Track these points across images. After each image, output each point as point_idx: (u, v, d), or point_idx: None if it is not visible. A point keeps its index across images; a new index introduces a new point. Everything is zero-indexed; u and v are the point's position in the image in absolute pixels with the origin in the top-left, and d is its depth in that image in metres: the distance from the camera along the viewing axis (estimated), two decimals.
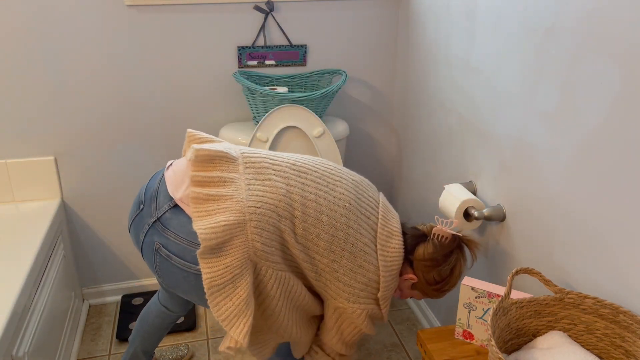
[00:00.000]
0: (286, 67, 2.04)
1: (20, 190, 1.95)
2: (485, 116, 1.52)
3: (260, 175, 1.21)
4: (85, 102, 1.91)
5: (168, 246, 1.20)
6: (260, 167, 1.23)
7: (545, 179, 1.28)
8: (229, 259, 1.12)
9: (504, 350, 1.13)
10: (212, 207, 1.14)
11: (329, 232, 1.22)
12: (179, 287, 1.24)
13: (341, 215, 1.24)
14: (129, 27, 1.85)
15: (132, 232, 1.30)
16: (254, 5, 1.91)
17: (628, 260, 1.05)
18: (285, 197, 1.19)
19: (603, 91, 1.07)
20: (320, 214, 1.22)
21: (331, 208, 1.23)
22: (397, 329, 2.09)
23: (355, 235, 1.25)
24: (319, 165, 1.30)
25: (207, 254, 1.11)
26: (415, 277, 1.33)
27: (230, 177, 1.18)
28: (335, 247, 1.22)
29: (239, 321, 1.13)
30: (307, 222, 1.20)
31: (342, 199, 1.26)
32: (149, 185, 1.29)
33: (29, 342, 1.45)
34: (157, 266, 1.23)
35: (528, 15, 1.28)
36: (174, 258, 1.20)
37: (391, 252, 1.28)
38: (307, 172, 1.26)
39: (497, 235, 1.52)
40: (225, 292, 1.12)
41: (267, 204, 1.17)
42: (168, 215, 1.21)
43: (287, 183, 1.22)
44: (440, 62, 1.77)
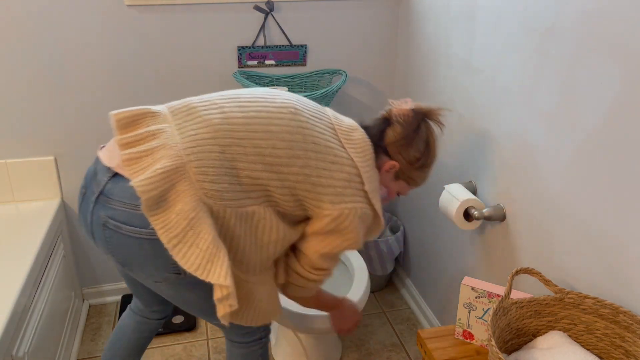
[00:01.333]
0: (286, 67, 2.04)
1: (20, 190, 1.95)
2: (485, 116, 1.52)
3: (189, 116, 1.14)
4: (86, 102, 1.91)
5: (115, 216, 1.11)
6: (187, 109, 1.16)
7: (545, 179, 1.28)
8: (179, 206, 1.04)
9: (504, 350, 1.13)
10: (147, 162, 1.07)
11: (284, 138, 1.13)
12: (136, 261, 1.14)
13: (290, 119, 1.16)
14: (129, 27, 1.85)
15: (81, 220, 1.21)
16: (254, 5, 1.91)
17: (628, 260, 1.05)
18: (222, 125, 1.12)
19: (603, 91, 1.07)
20: (268, 125, 1.14)
21: (278, 117, 1.15)
22: (397, 329, 2.09)
23: (313, 134, 1.16)
24: (252, 90, 1.23)
25: (152, 209, 1.04)
26: (395, 162, 1.26)
27: (159, 129, 1.11)
28: (298, 150, 1.14)
29: (214, 265, 1.04)
30: (255, 138, 1.12)
31: (286, 106, 1.18)
32: (87, 172, 1.22)
33: (29, 342, 1.45)
34: (109, 242, 1.14)
35: (528, 15, 1.28)
36: (124, 227, 1.10)
37: (358, 142, 1.21)
38: (239, 95, 1.19)
39: (497, 235, 1.52)
40: (188, 240, 1.04)
41: (203, 140, 1.10)
42: (109, 186, 1.13)
43: (221, 111, 1.14)
44: (440, 62, 1.77)
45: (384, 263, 2.17)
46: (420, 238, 2.08)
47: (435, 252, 1.95)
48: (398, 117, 1.26)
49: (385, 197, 1.34)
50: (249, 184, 1.12)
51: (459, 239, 1.75)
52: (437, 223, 1.91)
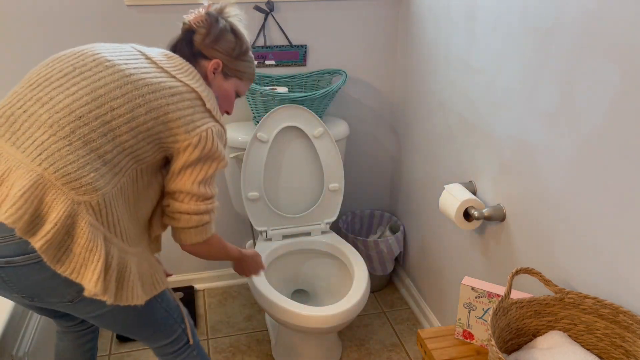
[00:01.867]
0: (286, 67, 2.04)
1: None
2: (485, 116, 1.52)
3: (15, 125, 1.06)
4: None
5: (1, 254, 1.04)
6: (7, 118, 1.07)
7: (545, 179, 1.28)
8: (53, 215, 1.00)
9: (504, 350, 1.13)
10: (3, 192, 1.00)
11: (117, 95, 1.09)
12: (43, 288, 1.08)
13: (111, 74, 1.11)
14: (129, 27, 1.85)
15: None
16: (254, 5, 1.91)
17: (628, 260, 1.05)
18: (52, 117, 1.05)
19: (603, 91, 1.07)
20: (95, 92, 1.08)
21: (98, 78, 1.09)
22: (397, 329, 2.09)
23: (140, 77, 1.13)
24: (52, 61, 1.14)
25: (28, 232, 0.99)
26: (216, 59, 1.28)
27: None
28: (135, 100, 1.11)
29: (87, 270, 1.02)
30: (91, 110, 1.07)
31: (98, 62, 1.12)
32: None
33: (29, 342, 1.45)
34: (7, 281, 1.06)
35: (528, 15, 1.28)
36: (15, 259, 1.04)
37: (180, 66, 1.21)
38: (48, 75, 1.11)
39: (497, 235, 1.52)
40: (63, 246, 1.01)
41: (44, 141, 1.03)
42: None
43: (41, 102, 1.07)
44: (440, 62, 1.77)
45: (384, 263, 2.17)
46: (420, 238, 2.08)
47: (435, 252, 1.95)
48: (196, 22, 1.28)
49: (226, 101, 1.35)
50: (111, 158, 1.09)
51: (459, 239, 1.75)
52: (437, 223, 1.91)
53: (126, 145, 1.10)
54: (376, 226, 2.38)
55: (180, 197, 1.20)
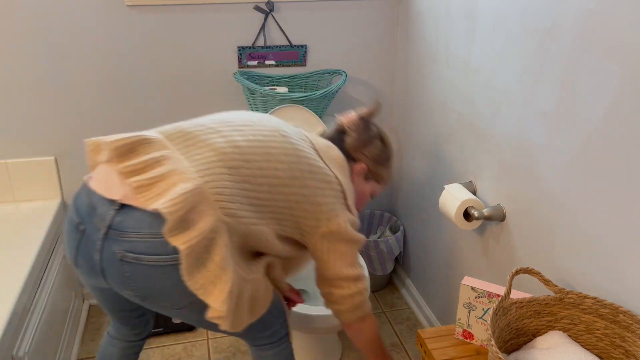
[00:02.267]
0: (286, 67, 2.04)
1: (20, 190, 1.95)
2: (485, 116, 1.52)
3: (190, 141, 1.16)
4: (86, 102, 1.91)
5: (133, 249, 1.08)
6: (184, 134, 1.17)
7: (545, 179, 1.28)
8: (200, 224, 1.05)
9: (504, 350, 1.13)
10: (161, 187, 1.06)
11: (283, 160, 1.19)
12: (159, 291, 1.12)
13: (284, 142, 1.22)
14: (129, 27, 1.85)
15: (81, 260, 1.15)
16: (254, 5, 1.91)
17: (628, 260, 1.05)
18: (226, 149, 1.14)
19: (603, 91, 1.07)
20: (267, 147, 1.19)
21: (273, 140, 1.21)
22: (397, 329, 2.09)
23: (306, 155, 1.24)
24: (239, 113, 1.28)
25: (175, 230, 1.04)
26: (363, 164, 1.40)
27: (162, 155, 1.11)
28: (296, 172, 1.20)
29: (216, 288, 1.06)
30: (259, 160, 1.17)
31: (276, 129, 1.24)
32: (78, 206, 1.16)
33: (29, 342, 1.45)
34: (128, 277, 1.10)
35: (528, 15, 1.28)
36: (145, 257, 1.08)
37: (337, 160, 1.32)
38: (230, 120, 1.23)
39: (497, 235, 1.52)
40: (200, 259, 1.06)
41: (212, 162, 1.12)
42: (119, 219, 1.09)
43: (221, 135, 1.17)
44: (440, 62, 1.77)
45: (384, 263, 2.17)
46: (420, 238, 2.08)
47: (435, 252, 1.95)
48: (349, 125, 1.41)
49: (361, 201, 1.46)
50: (257, 205, 1.16)
51: (459, 239, 1.75)
52: (437, 223, 1.91)
53: (274, 204, 1.19)
54: (376, 226, 2.38)
55: (340, 284, 1.29)
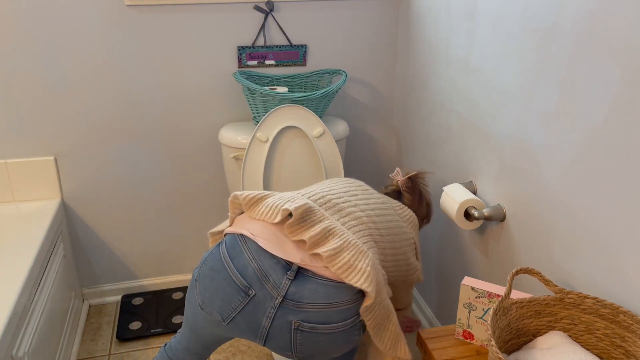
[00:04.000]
0: (286, 67, 2.04)
1: (20, 190, 1.95)
2: (485, 116, 1.52)
3: (341, 212, 1.29)
4: (86, 102, 1.91)
5: (310, 319, 1.14)
6: (333, 205, 1.30)
7: (545, 179, 1.28)
8: (380, 297, 1.17)
9: (504, 350, 1.13)
10: (345, 258, 1.16)
11: (397, 232, 1.37)
12: (322, 352, 1.20)
13: (392, 215, 1.39)
14: (129, 27, 1.85)
15: (241, 321, 1.18)
16: (254, 5, 1.91)
17: (628, 260, 1.05)
18: (369, 223, 1.30)
19: (603, 91, 1.07)
20: (387, 222, 1.36)
21: (387, 213, 1.38)
22: None
23: (401, 225, 1.41)
24: (351, 184, 1.43)
25: (372, 306, 1.16)
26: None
27: (330, 225, 1.21)
28: (402, 241, 1.39)
29: (400, 344, 1.22)
30: (387, 234, 1.34)
31: (384, 202, 1.41)
32: (241, 267, 1.17)
33: (29, 342, 1.45)
34: (298, 344, 1.16)
35: (528, 15, 1.28)
36: (320, 327, 1.15)
37: (411, 219, 1.47)
38: (356, 193, 1.38)
39: (497, 235, 1.52)
40: (385, 326, 1.20)
41: (365, 235, 1.26)
42: (294, 289, 1.14)
43: (360, 209, 1.32)
44: (440, 62, 1.77)
45: None
46: (420, 238, 2.08)
47: (435, 252, 1.95)
48: (403, 187, 1.55)
49: None
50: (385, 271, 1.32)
51: (459, 239, 1.75)
52: (437, 223, 1.91)
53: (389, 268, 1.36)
54: None
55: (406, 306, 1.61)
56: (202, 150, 2.09)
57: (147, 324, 2.07)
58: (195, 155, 2.09)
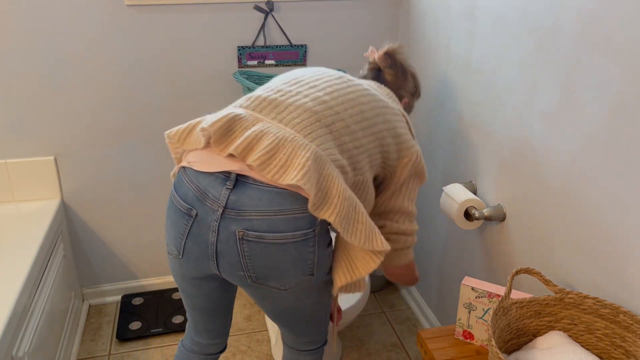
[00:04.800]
0: (286, 67, 2.04)
1: (20, 190, 1.95)
2: (485, 116, 1.52)
3: (279, 108, 1.15)
4: (85, 102, 1.91)
5: (254, 227, 1.07)
6: (269, 102, 1.16)
7: (545, 178, 1.28)
8: (335, 189, 1.07)
9: (504, 350, 1.13)
10: (280, 159, 1.06)
11: (364, 101, 1.22)
12: (276, 269, 1.12)
13: (355, 86, 1.24)
14: (129, 27, 1.85)
15: (191, 245, 1.15)
16: (254, 5, 1.91)
17: (628, 260, 1.05)
18: (316, 107, 1.15)
19: (603, 91, 1.07)
20: (347, 95, 1.21)
21: (346, 86, 1.23)
22: (397, 329, 2.09)
23: (374, 94, 1.26)
24: (298, 70, 1.28)
25: (318, 202, 1.05)
26: (405, 99, 1.45)
27: (262, 127, 1.10)
28: (376, 109, 1.23)
29: (374, 235, 1.11)
30: (347, 108, 1.18)
31: (341, 77, 1.26)
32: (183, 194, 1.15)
33: (29, 342, 1.45)
34: (247, 256, 1.10)
35: (528, 15, 1.28)
36: (267, 235, 1.07)
37: (388, 92, 1.36)
38: (300, 79, 1.23)
39: (497, 235, 1.52)
40: (352, 218, 1.09)
41: (311, 124, 1.12)
42: (234, 198, 1.08)
43: (304, 95, 1.17)
44: (440, 62, 1.77)
45: None
46: (421, 238, 2.08)
47: (435, 252, 1.95)
48: (382, 64, 1.42)
49: None
50: (356, 155, 1.18)
51: (459, 239, 1.75)
52: (437, 223, 1.91)
53: (368, 146, 1.21)
54: None
55: (396, 218, 1.30)
56: None
57: (147, 324, 2.07)
58: None
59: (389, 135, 1.24)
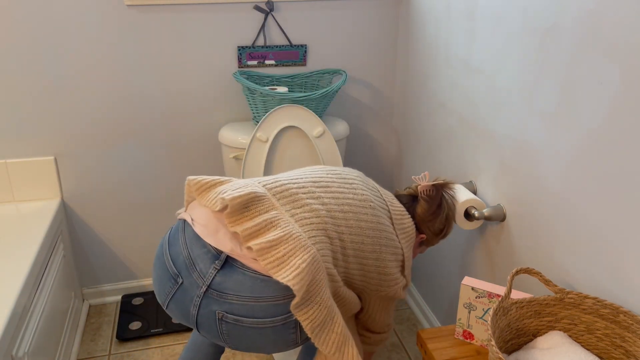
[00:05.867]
0: (286, 67, 2.04)
1: (20, 190, 1.95)
2: (485, 116, 1.52)
3: (296, 203, 1.19)
4: (85, 102, 1.91)
5: (233, 310, 1.11)
6: (290, 194, 1.21)
7: (545, 178, 1.28)
8: (319, 296, 1.09)
9: (504, 351, 1.13)
10: (280, 252, 1.08)
11: (370, 235, 1.25)
12: (254, 346, 1.16)
13: (372, 215, 1.27)
14: (129, 27, 1.85)
15: (174, 307, 1.18)
16: (254, 5, 1.91)
17: (628, 260, 1.05)
18: (326, 217, 1.20)
19: (603, 91, 1.07)
20: (359, 221, 1.24)
21: (363, 212, 1.26)
22: (397, 329, 2.09)
23: (385, 229, 1.29)
24: (331, 174, 1.31)
25: (301, 305, 1.07)
26: (424, 235, 1.43)
27: (275, 217, 1.13)
28: (376, 246, 1.27)
29: (347, 347, 1.13)
30: (352, 233, 1.23)
31: (366, 199, 1.28)
32: (174, 254, 1.18)
33: (29, 342, 1.45)
34: (225, 334, 1.14)
35: (528, 15, 1.28)
36: (245, 320, 1.11)
37: (408, 230, 1.36)
38: (328, 185, 1.27)
39: (497, 235, 1.52)
40: (327, 327, 1.11)
41: (317, 230, 1.16)
42: (219, 280, 1.11)
43: (322, 202, 1.22)
44: (440, 62, 1.77)
45: None
46: None
47: (435, 252, 1.95)
48: (423, 193, 1.41)
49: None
50: (342, 272, 1.24)
51: (459, 239, 1.75)
52: None
53: (354, 272, 1.26)
54: None
55: (383, 329, 1.44)
56: (202, 150, 2.09)
57: (147, 324, 2.07)
58: (195, 155, 2.09)
59: (375, 271, 1.28)
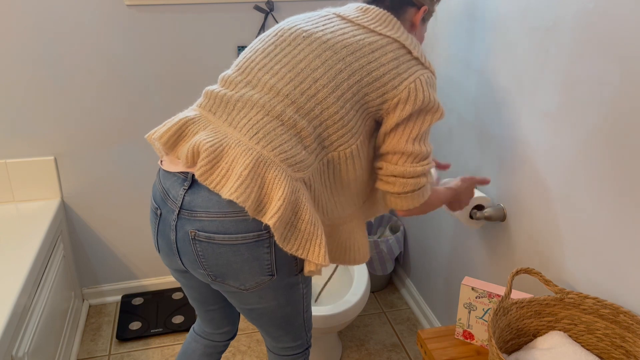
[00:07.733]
0: None
1: (20, 190, 1.95)
2: (485, 116, 1.52)
3: (228, 106, 1.09)
4: (85, 102, 1.91)
5: (204, 228, 1.06)
6: (220, 100, 1.10)
7: (545, 179, 1.28)
8: (279, 192, 1.00)
9: (504, 351, 1.13)
10: (223, 167, 1.02)
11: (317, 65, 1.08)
12: (231, 269, 1.09)
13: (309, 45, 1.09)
14: (129, 27, 1.84)
15: (161, 242, 1.16)
16: (254, 5, 1.91)
17: (628, 261, 1.05)
18: (263, 98, 1.07)
19: (603, 91, 1.07)
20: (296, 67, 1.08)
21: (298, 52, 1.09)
22: (397, 329, 2.09)
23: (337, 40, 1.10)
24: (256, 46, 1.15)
25: (257, 209, 1.00)
26: (424, 6, 1.21)
27: (212, 134, 1.06)
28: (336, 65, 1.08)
29: (312, 245, 1.03)
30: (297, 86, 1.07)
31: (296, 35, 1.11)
32: (154, 193, 1.18)
33: (29, 342, 1.45)
34: (201, 255, 1.08)
35: (528, 14, 1.28)
36: (217, 236, 1.05)
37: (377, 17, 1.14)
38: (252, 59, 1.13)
39: (497, 235, 1.52)
40: (291, 224, 1.02)
41: (259, 122, 1.05)
42: (188, 199, 1.07)
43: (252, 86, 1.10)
44: (440, 62, 1.77)
45: (384, 263, 2.17)
46: (420, 238, 2.08)
47: (436, 252, 1.95)
48: None
49: None
50: (317, 135, 1.08)
51: (459, 239, 1.75)
52: (437, 223, 1.91)
53: (336, 117, 1.07)
54: (376, 226, 2.38)
55: (394, 159, 1.13)
56: None
57: (147, 324, 2.07)
58: None
59: (361, 86, 1.08)
